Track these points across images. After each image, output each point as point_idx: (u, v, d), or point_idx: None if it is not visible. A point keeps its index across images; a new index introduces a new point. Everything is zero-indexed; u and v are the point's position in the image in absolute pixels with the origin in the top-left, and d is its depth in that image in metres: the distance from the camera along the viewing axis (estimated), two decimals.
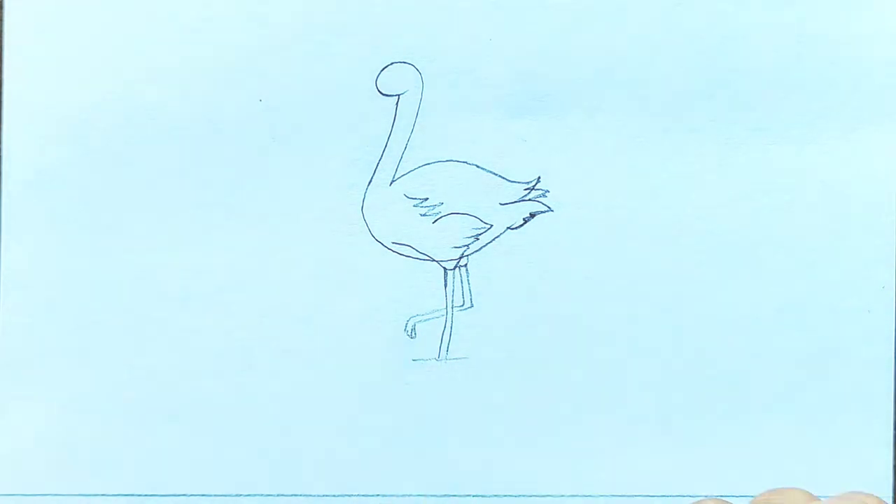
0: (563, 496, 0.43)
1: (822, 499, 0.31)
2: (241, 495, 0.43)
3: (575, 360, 0.43)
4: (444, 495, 0.43)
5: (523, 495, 0.43)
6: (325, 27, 0.43)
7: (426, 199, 0.43)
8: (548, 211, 0.43)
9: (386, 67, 0.43)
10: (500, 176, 0.43)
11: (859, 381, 0.43)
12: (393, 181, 0.43)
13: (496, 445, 0.43)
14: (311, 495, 0.43)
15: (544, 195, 0.43)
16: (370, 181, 0.43)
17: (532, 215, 0.43)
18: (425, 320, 0.43)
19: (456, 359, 0.43)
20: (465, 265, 0.43)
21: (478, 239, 0.43)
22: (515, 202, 0.43)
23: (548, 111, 0.43)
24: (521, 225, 0.43)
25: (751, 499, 0.43)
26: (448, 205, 0.43)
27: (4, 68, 0.43)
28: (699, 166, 0.43)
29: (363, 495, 0.43)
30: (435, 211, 0.43)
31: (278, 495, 0.43)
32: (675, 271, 0.43)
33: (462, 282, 0.43)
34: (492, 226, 0.43)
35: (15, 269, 0.43)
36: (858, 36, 0.43)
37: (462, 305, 0.43)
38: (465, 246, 0.43)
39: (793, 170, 0.43)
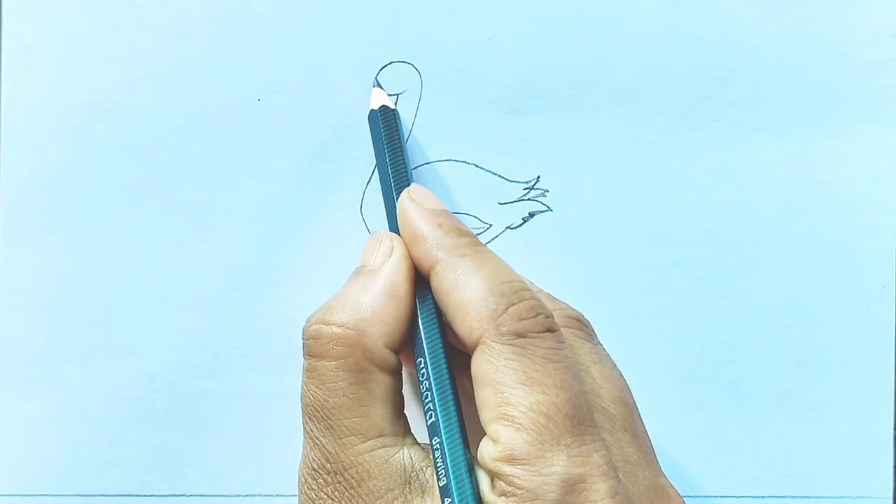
0: None
1: (822, 499, 0.31)
2: (241, 495, 0.43)
3: None
4: None
5: None
6: (325, 27, 0.43)
7: None
8: (547, 211, 0.43)
9: (385, 67, 0.43)
10: (499, 175, 0.43)
11: (859, 381, 0.43)
12: None
13: None
14: None
15: (543, 195, 0.43)
16: (369, 181, 0.43)
17: (531, 215, 0.43)
18: None
19: None
20: None
21: None
22: (514, 202, 0.43)
23: (548, 111, 0.43)
24: (521, 225, 0.43)
25: (751, 499, 0.43)
26: (447, 204, 0.43)
27: (3, 68, 0.43)
28: (699, 166, 0.43)
29: None
30: None
31: (278, 495, 0.43)
32: (675, 271, 0.43)
33: None
34: (491, 225, 0.43)
35: (15, 269, 0.43)
36: (858, 36, 0.43)
37: None
38: None
39: (793, 170, 0.43)
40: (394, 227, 0.38)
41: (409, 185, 0.38)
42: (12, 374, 0.43)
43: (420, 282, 0.36)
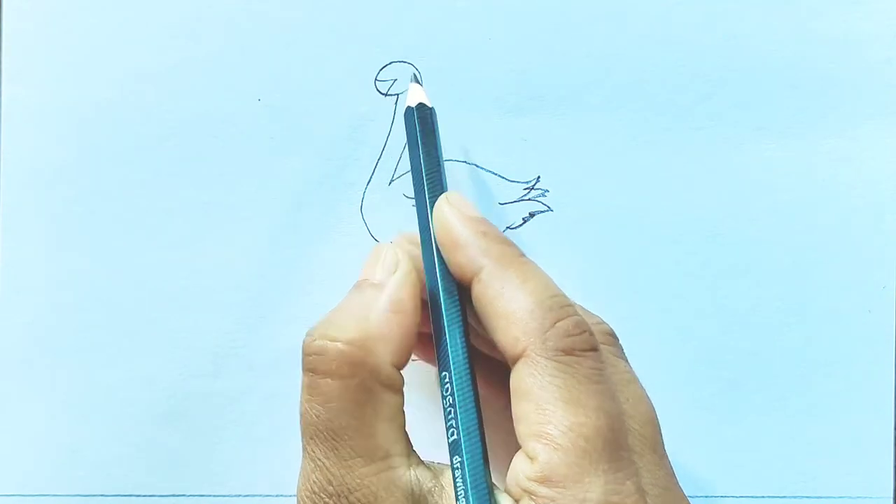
0: None
1: (822, 499, 0.31)
2: (240, 495, 0.43)
3: None
4: None
5: None
6: (325, 27, 0.43)
7: None
8: (547, 211, 0.43)
9: (385, 67, 0.43)
10: (499, 175, 0.43)
11: (859, 381, 0.43)
12: (392, 181, 0.43)
13: None
14: None
15: (543, 195, 0.43)
16: (369, 181, 0.43)
17: (531, 215, 0.43)
18: None
19: None
20: None
21: None
22: (514, 202, 0.43)
23: (548, 111, 0.43)
24: (521, 225, 0.43)
25: (751, 499, 0.43)
26: None
27: (3, 68, 0.43)
28: (699, 166, 0.43)
29: None
30: None
31: (278, 495, 0.43)
32: (675, 271, 0.43)
33: None
34: None
35: (15, 268, 0.43)
36: (858, 36, 0.43)
37: None
38: None
39: (793, 170, 0.43)
40: (424, 227, 0.37)
41: (443, 187, 0.37)
42: (12, 374, 0.43)
43: (447, 293, 0.35)
